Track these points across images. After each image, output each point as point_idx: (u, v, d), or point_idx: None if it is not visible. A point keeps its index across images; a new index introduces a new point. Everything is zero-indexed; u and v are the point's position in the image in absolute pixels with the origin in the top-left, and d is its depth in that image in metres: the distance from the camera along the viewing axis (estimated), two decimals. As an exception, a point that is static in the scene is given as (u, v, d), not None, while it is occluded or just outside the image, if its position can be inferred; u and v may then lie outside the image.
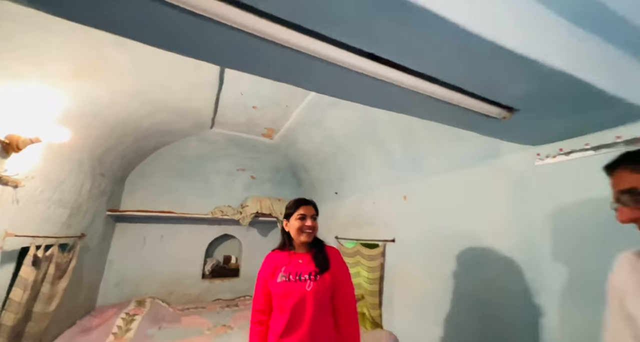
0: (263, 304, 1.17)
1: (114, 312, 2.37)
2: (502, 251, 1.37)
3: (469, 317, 1.48)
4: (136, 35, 0.61)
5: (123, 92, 1.52)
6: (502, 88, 0.77)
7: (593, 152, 1.05)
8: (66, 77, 1.16)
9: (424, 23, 0.55)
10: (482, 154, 1.50)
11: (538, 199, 1.24)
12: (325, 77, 0.75)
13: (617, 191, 0.63)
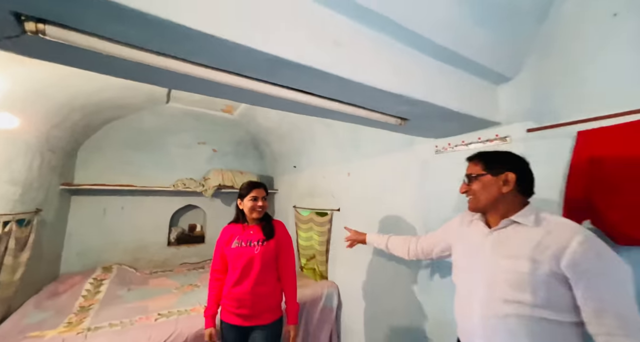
0: (220, 265, 1.49)
1: (80, 278, 2.53)
2: (408, 216, 1.79)
3: (383, 264, 1.95)
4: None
5: (68, 71, 1.52)
6: (391, 109, 1.04)
7: (466, 147, 1.42)
8: (6, 62, 1.17)
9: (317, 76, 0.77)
10: (403, 143, 1.83)
11: (434, 178, 1.62)
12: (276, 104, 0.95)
13: (465, 174, 0.95)
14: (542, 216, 0.81)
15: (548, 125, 1.09)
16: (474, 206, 0.92)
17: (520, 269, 0.76)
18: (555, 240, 0.73)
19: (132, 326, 1.77)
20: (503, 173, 0.85)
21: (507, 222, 0.85)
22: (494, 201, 0.86)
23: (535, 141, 1.15)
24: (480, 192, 0.88)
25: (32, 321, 1.82)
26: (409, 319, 1.71)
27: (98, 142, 2.90)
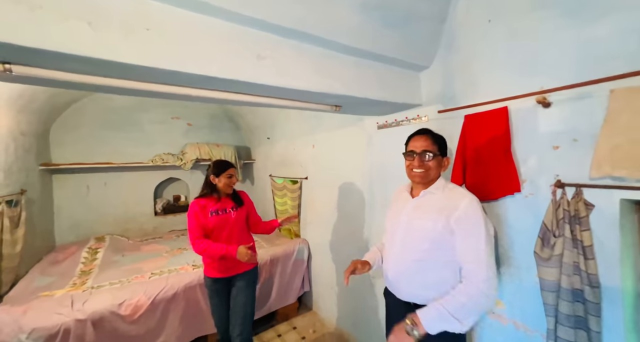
0: (200, 234, 1.69)
1: (76, 247, 2.81)
2: (358, 183, 2.11)
3: (342, 223, 2.34)
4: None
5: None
6: (322, 100, 1.26)
7: (397, 124, 1.68)
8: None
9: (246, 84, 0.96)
10: (355, 118, 2.06)
11: (377, 150, 1.91)
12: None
13: (422, 149, 1.04)
14: (448, 186, 1.06)
15: (450, 108, 1.34)
16: (426, 179, 1.06)
17: (426, 226, 1.01)
18: (451, 204, 0.99)
19: (129, 284, 2.11)
20: (446, 156, 1.09)
21: (425, 193, 1.07)
22: (435, 177, 1.07)
23: (444, 121, 1.41)
24: (433, 169, 1.05)
25: (40, 284, 2.13)
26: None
27: (68, 122, 2.94)
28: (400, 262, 1.09)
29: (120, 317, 1.84)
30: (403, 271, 1.08)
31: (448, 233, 0.98)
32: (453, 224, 0.97)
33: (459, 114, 1.30)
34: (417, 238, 1.04)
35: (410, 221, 1.07)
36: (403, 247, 1.08)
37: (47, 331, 1.60)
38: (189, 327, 2.10)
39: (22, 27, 0.59)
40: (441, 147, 1.08)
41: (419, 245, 1.03)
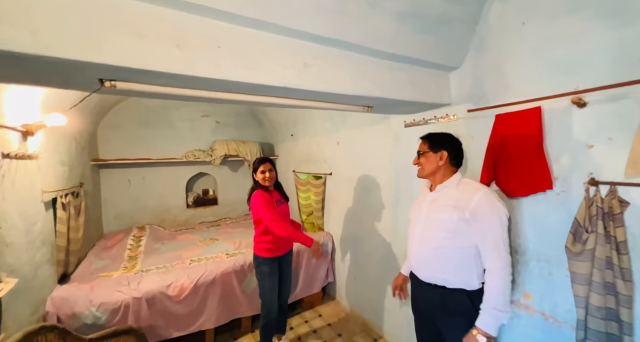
0: (280, 216, 1.83)
1: (122, 235, 3.11)
2: (382, 179, 2.19)
3: (365, 217, 2.43)
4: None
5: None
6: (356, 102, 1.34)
7: (425, 123, 1.73)
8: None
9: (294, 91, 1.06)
10: (381, 117, 2.12)
11: (403, 148, 1.97)
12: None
13: (417, 150, 1.25)
14: (463, 181, 1.16)
15: (480, 107, 1.38)
16: (421, 174, 1.25)
17: (443, 217, 1.12)
18: (465, 197, 1.09)
19: (173, 268, 2.33)
20: (440, 151, 1.18)
21: (440, 187, 1.18)
22: (434, 171, 1.20)
23: (473, 119, 1.45)
24: (425, 164, 1.21)
25: (97, 266, 2.41)
26: (383, 255, 2.23)
27: (111, 121, 3.21)
28: (420, 250, 1.22)
29: (169, 297, 2.06)
30: (423, 258, 1.21)
31: (464, 223, 1.08)
32: (468, 216, 1.06)
33: (489, 113, 1.34)
34: (435, 228, 1.15)
35: (429, 214, 1.19)
36: (423, 236, 1.20)
37: (111, 305, 1.83)
38: (225, 309, 2.29)
39: (132, 53, 0.73)
40: (433, 143, 1.20)
41: (437, 234, 1.14)
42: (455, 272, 1.12)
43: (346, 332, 2.34)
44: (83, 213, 2.36)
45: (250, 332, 2.39)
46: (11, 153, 1.34)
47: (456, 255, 1.11)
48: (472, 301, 1.09)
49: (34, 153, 1.56)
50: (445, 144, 1.19)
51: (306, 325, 2.48)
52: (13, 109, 1.41)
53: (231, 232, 3.45)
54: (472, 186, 1.12)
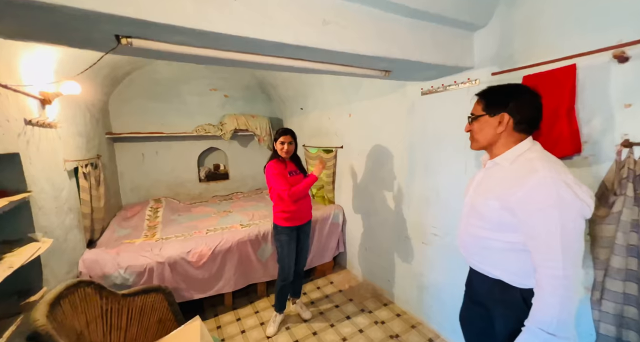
0: (289, 185, 1.87)
1: (140, 207, 3.23)
2: (396, 150, 2.16)
3: (378, 189, 2.44)
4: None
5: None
6: (374, 66, 1.28)
7: (444, 89, 1.65)
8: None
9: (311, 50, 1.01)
10: (396, 85, 2.04)
11: (420, 117, 1.91)
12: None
13: (471, 112, 0.95)
14: (524, 157, 0.83)
15: (506, 69, 1.30)
16: (474, 146, 0.96)
17: (484, 205, 0.87)
18: (516, 181, 0.80)
19: (191, 237, 2.44)
20: (499, 114, 0.85)
21: (491, 164, 0.91)
22: (490, 141, 0.89)
23: (497, 83, 1.38)
24: (477, 132, 0.91)
25: (120, 234, 2.53)
26: (394, 225, 2.27)
27: (122, 94, 3.20)
28: (463, 235, 1.00)
29: (189, 262, 2.18)
30: (466, 244, 1.00)
31: (509, 214, 0.81)
32: (515, 205, 0.79)
33: (515, 76, 1.26)
34: (476, 216, 0.92)
35: (473, 197, 0.95)
36: (467, 221, 0.98)
37: (137, 268, 1.95)
38: (242, 275, 2.42)
39: (147, 4, 0.70)
40: (490, 102, 0.88)
41: (477, 223, 0.91)
42: (501, 267, 0.89)
43: (357, 298, 2.46)
44: (103, 184, 2.44)
45: (266, 297, 2.54)
46: (32, 120, 1.36)
47: (502, 248, 0.86)
48: (524, 300, 0.84)
49: (54, 122, 1.58)
50: (507, 102, 0.85)
51: (318, 291, 2.61)
52: (30, 77, 1.41)
53: (244, 205, 3.54)
54: (530, 166, 0.79)
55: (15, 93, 1.27)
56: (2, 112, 1.15)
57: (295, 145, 1.99)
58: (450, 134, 1.69)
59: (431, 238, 1.92)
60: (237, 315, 2.31)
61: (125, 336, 1.33)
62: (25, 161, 1.29)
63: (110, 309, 1.33)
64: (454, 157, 1.68)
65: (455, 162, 1.68)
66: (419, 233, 2.02)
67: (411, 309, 2.17)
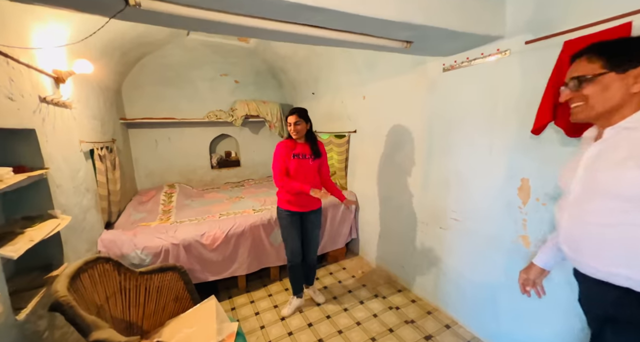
0: (283, 170, 1.89)
1: (154, 192, 3.28)
2: (414, 132, 2.07)
3: (393, 174, 2.37)
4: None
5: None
6: (396, 34, 1.19)
7: (469, 64, 1.54)
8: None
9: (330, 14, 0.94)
10: (414, 63, 1.93)
11: (440, 95, 1.81)
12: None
13: (570, 77, 0.75)
14: None
15: (543, 36, 1.19)
16: (585, 115, 0.75)
17: (619, 175, 0.67)
18: None
19: (204, 220, 2.45)
20: (634, 68, 0.67)
21: (612, 132, 0.71)
22: (615, 105, 0.70)
23: (530, 54, 1.27)
24: (596, 97, 0.70)
25: (136, 218, 2.58)
26: (411, 211, 2.20)
27: (135, 80, 3.19)
28: (576, 229, 0.77)
29: (203, 245, 2.19)
30: (582, 241, 0.76)
31: None
32: None
33: (554, 42, 1.14)
34: (604, 195, 0.70)
35: (592, 175, 0.73)
36: (581, 209, 0.75)
37: (153, 249, 1.98)
38: (255, 259, 2.43)
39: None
40: (612, 57, 0.69)
41: (608, 204, 0.70)
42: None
43: (370, 284, 2.44)
44: (118, 167, 2.47)
45: (279, 280, 2.56)
46: (47, 97, 1.35)
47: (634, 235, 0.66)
48: None
49: (68, 101, 1.57)
50: (628, 53, 0.68)
51: (331, 276, 2.61)
52: (43, 53, 1.39)
53: (255, 191, 3.54)
54: None
55: (29, 69, 1.26)
56: (17, 86, 1.14)
57: (309, 125, 1.92)
58: (474, 113, 1.59)
59: (450, 223, 1.85)
60: (251, 297, 2.33)
61: (143, 312, 1.35)
62: (42, 138, 1.29)
63: (128, 286, 1.35)
64: (478, 137, 1.58)
65: (478, 143, 1.58)
66: (436, 218, 1.96)
67: (427, 295, 2.13)
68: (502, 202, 1.48)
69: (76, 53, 1.71)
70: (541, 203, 1.30)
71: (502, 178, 1.47)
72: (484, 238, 1.62)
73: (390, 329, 1.88)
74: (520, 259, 1.43)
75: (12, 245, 0.97)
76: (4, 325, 0.87)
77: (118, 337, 0.87)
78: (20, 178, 1.05)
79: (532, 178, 1.32)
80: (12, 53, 1.12)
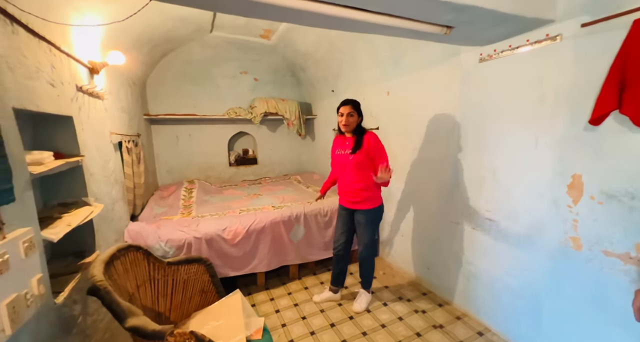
0: (332, 165, 2.02)
1: (175, 188, 3.32)
2: (444, 126, 1.97)
3: (421, 170, 2.28)
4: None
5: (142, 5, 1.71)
6: (437, 18, 1.13)
7: (512, 52, 1.45)
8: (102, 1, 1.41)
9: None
10: (445, 55, 1.85)
11: (476, 88, 1.72)
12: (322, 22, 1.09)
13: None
14: None
15: (605, 17, 1.09)
16: None
17: None
18: None
19: (225, 216, 2.44)
20: None
21: None
22: None
23: (586, 38, 1.17)
24: None
25: (158, 212, 2.60)
26: (439, 210, 2.11)
27: (159, 76, 3.25)
28: None
29: (224, 240, 2.18)
30: None
31: None
32: None
33: (619, 23, 1.05)
34: None
35: None
36: None
37: (176, 242, 1.98)
38: (275, 256, 2.40)
39: None
40: None
41: None
42: None
43: (393, 285, 2.35)
44: (142, 161, 2.50)
45: (298, 279, 2.51)
46: (83, 87, 1.37)
47: None
48: None
49: (101, 92, 1.59)
50: None
51: (352, 277, 2.53)
52: (80, 44, 1.42)
53: (273, 189, 3.52)
54: None
55: (68, 58, 1.28)
56: (58, 74, 1.16)
57: (360, 119, 1.83)
58: (516, 105, 1.49)
59: (484, 223, 1.74)
60: (270, 295, 2.29)
61: (171, 302, 1.33)
62: (78, 127, 1.30)
63: (157, 276, 1.34)
64: (520, 131, 1.48)
65: (520, 137, 1.48)
66: (468, 217, 1.86)
67: (455, 299, 2.02)
68: (548, 200, 1.38)
69: (108, 47, 1.74)
70: (597, 202, 1.19)
71: (549, 174, 1.36)
72: (524, 240, 1.52)
73: (418, 333, 1.79)
74: (570, 263, 1.31)
75: (52, 228, 0.97)
76: (45, 306, 0.87)
77: (153, 325, 0.85)
78: (59, 163, 1.06)
79: (586, 174, 1.22)
80: (54, 41, 1.14)
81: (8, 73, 0.84)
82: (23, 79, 0.91)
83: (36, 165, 0.93)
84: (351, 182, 1.86)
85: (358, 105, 1.82)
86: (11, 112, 0.81)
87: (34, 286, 0.78)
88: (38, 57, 1.03)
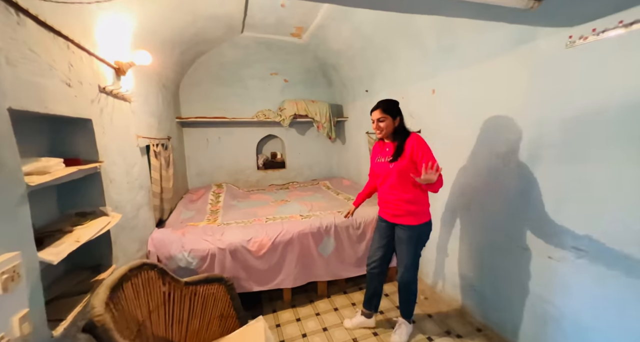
0: (371, 173, 1.87)
1: (203, 191, 3.29)
2: (508, 129, 1.61)
3: (472, 181, 1.93)
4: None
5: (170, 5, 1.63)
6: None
7: (625, 30, 1.09)
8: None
9: None
10: (513, 42, 1.51)
11: (553, 81, 1.36)
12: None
13: None
14: None
15: None
16: None
17: None
18: None
19: (251, 224, 2.30)
20: None
21: None
22: None
23: None
24: None
25: (185, 217, 2.54)
26: (498, 231, 1.75)
27: (192, 78, 3.26)
28: None
29: (249, 251, 2.02)
30: None
31: None
32: None
33: None
34: None
35: None
36: None
37: (200, 252, 1.86)
38: (303, 270, 2.19)
39: None
40: None
41: None
42: None
43: (437, 315, 2.02)
44: (172, 165, 2.45)
45: (327, 298, 2.28)
46: (107, 87, 1.29)
47: None
48: None
49: (127, 94, 1.52)
50: None
51: (387, 299, 2.25)
52: (106, 44, 1.34)
53: (301, 194, 3.35)
54: None
55: (90, 57, 1.20)
56: (75, 72, 1.07)
57: (397, 121, 1.59)
58: (623, 102, 1.13)
59: (566, 253, 1.37)
60: (297, 314, 2.09)
61: (186, 329, 1.18)
62: (98, 130, 1.21)
63: (173, 297, 1.19)
64: (628, 137, 1.11)
65: (627, 144, 1.11)
66: (543, 244, 1.49)
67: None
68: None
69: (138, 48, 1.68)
70: None
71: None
72: (634, 279, 1.13)
73: (474, 383, 1.46)
74: None
75: (55, 247, 0.86)
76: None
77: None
78: (70, 171, 0.95)
79: None
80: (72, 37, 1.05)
81: (7, 68, 0.73)
82: (29, 76, 0.81)
83: (40, 174, 0.82)
84: (393, 192, 1.63)
85: (391, 105, 1.58)
86: (6, 114, 0.69)
87: (15, 326, 0.64)
88: (52, 54, 0.93)
